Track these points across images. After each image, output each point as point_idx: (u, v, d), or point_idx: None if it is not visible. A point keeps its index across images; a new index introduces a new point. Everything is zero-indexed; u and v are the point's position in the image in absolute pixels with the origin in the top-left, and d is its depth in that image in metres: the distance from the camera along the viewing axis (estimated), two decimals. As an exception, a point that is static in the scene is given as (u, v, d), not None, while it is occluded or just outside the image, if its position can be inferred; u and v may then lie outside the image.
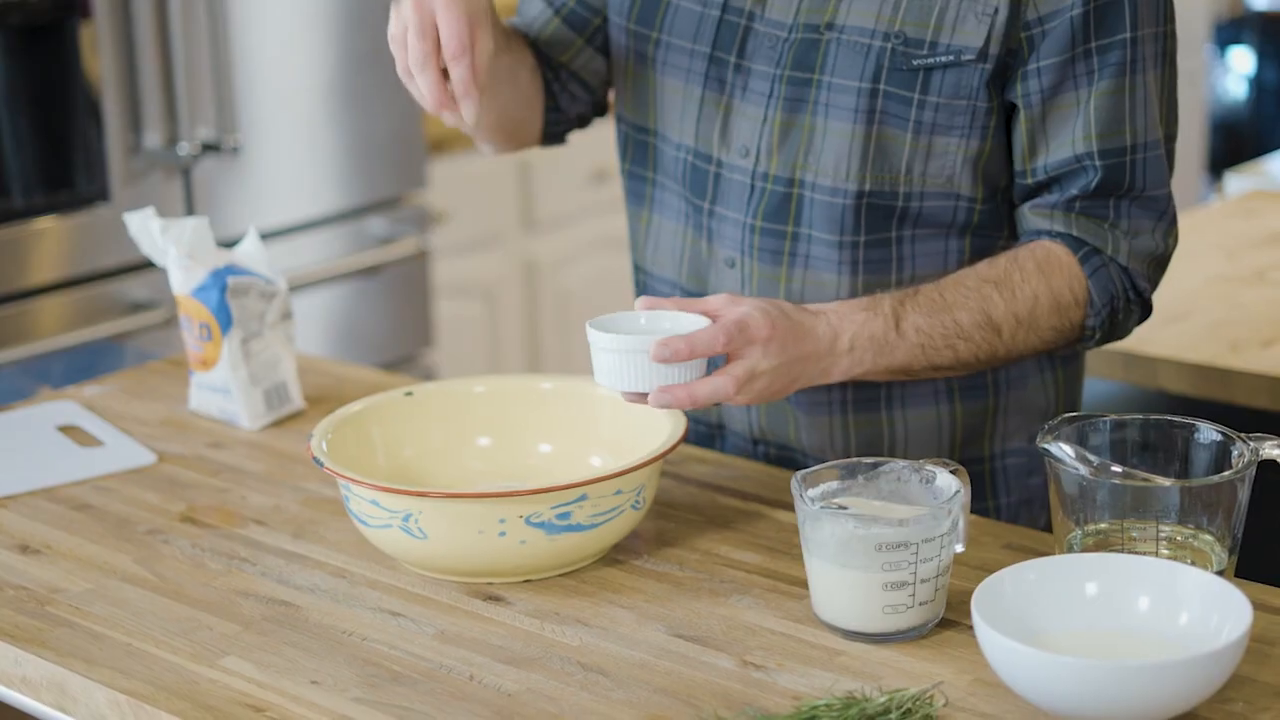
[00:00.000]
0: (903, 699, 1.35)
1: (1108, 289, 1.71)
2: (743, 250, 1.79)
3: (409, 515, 1.54)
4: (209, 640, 1.50)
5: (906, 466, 1.51)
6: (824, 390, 1.79)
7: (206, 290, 1.94)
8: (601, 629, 1.50)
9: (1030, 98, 1.69)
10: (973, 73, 1.67)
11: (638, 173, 1.89)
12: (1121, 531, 1.48)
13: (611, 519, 1.58)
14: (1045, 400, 1.84)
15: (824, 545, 1.45)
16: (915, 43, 1.68)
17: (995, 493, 1.85)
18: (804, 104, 1.73)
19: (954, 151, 1.70)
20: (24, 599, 1.59)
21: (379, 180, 3.46)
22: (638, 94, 1.86)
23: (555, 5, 1.92)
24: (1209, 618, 1.36)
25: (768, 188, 1.76)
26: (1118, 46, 1.66)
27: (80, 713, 1.46)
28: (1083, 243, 1.71)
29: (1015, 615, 1.37)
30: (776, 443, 1.84)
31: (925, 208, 1.73)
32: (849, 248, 1.74)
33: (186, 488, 1.82)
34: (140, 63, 3.02)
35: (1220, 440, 1.51)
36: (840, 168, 1.72)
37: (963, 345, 1.66)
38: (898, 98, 1.69)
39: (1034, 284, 1.68)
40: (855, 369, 1.63)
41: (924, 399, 1.80)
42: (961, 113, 1.69)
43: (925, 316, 1.64)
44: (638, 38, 1.83)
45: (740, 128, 1.77)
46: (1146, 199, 1.72)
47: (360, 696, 1.40)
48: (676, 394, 1.53)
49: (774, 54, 1.74)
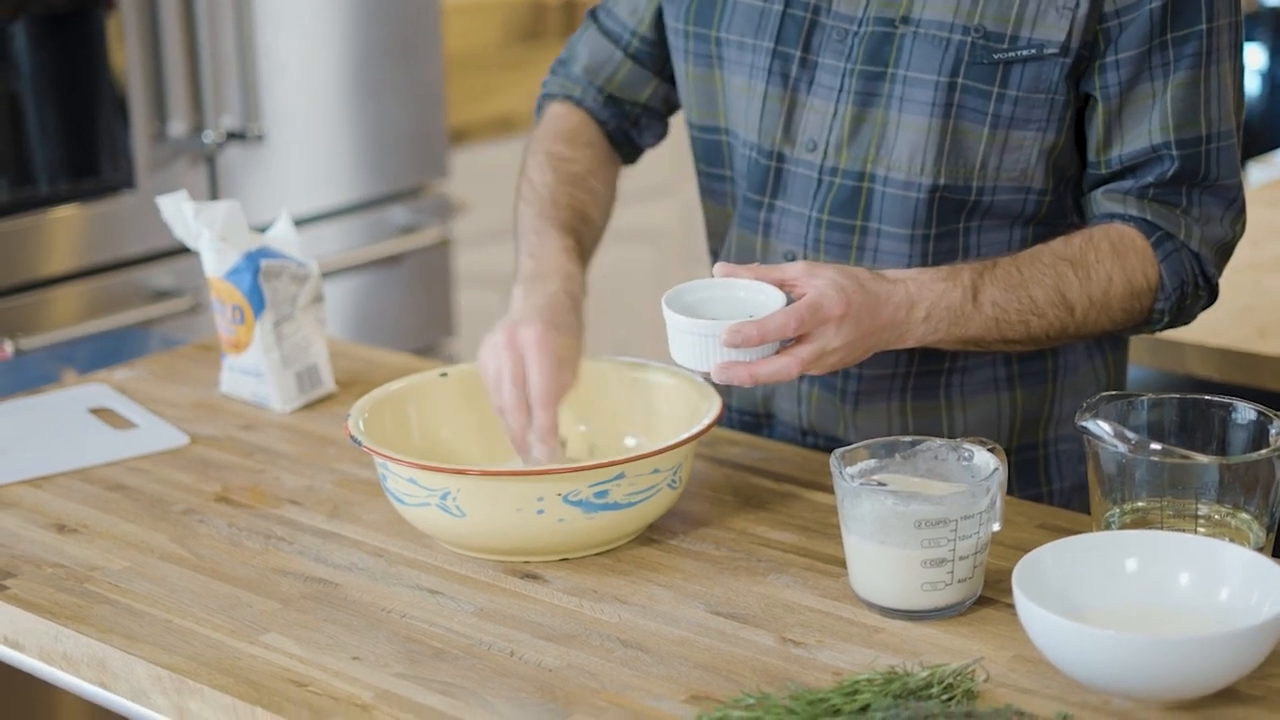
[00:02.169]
0: (944, 674, 1.35)
1: (1179, 274, 1.71)
2: (806, 244, 1.78)
3: (447, 493, 1.55)
4: (249, 617, 1.51)
5: (944, 445, 1.51)
6: (885, 380, 1.80)
7: (239, 273, 1.95)
8: (640, 606, 1.51)
9: (1108, 89, 1.69)
10: (1053, 66, 1.67)
11: (714, 173, 1.89)
12: (1160, 510, 1.49)
13: (649, 498, 1.58)
14: (1096, 385, 1.85)
15: (863, 522, 1.46)
16: (996, 36, 1.68)
17: (1049, 478, 1.85)
18: (877, 98, 1.73)
19: (1030, 145, 1.71)
20: (62, 576, 1.60)
21: (401, 170, 3.47)
22: (704, 95, 1.85)
23: (622, 43, 1.94)
24: (1249, 594, 1.36)
25: (836, 181, 1.76)
26: (1194, 38, 1.67)
27: (121, 689, 1.47)
28: (1156, 227, 1.71)
29: (1056, 591, 1.37)
30: (825, 434, 1.84)
31: (997, 201, 1.73)
32: (919, 241, 1.74)
33: (220, 469, 1.83)
34: (165, 51, 3.03)
35: (1257, 419, 1.52)
36: (915, 161, 1.72)
37: (1036, 321, 1.66)
38: (976, 91, 1.69)
39: (1109, 265, 1.68)
40: (930, 337, 1.63)
41: (983, 387, 1.81)
42: (1040, 106, 1.69)
43: (1003, 291, 1.65)
44: (697, 39, 1.83)
45: (807, 122, 1.77)
46: (1219, 188, 1.72)
47: (402, 672, 1.41)
48: (738, 372, 1.54)
49: (843, 48, 1.74)
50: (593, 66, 1.96)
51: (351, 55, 3.34)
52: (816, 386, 1.83)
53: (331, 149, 3.33)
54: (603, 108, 1.96)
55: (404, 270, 3.50)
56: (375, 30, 3.36)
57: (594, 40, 1.97)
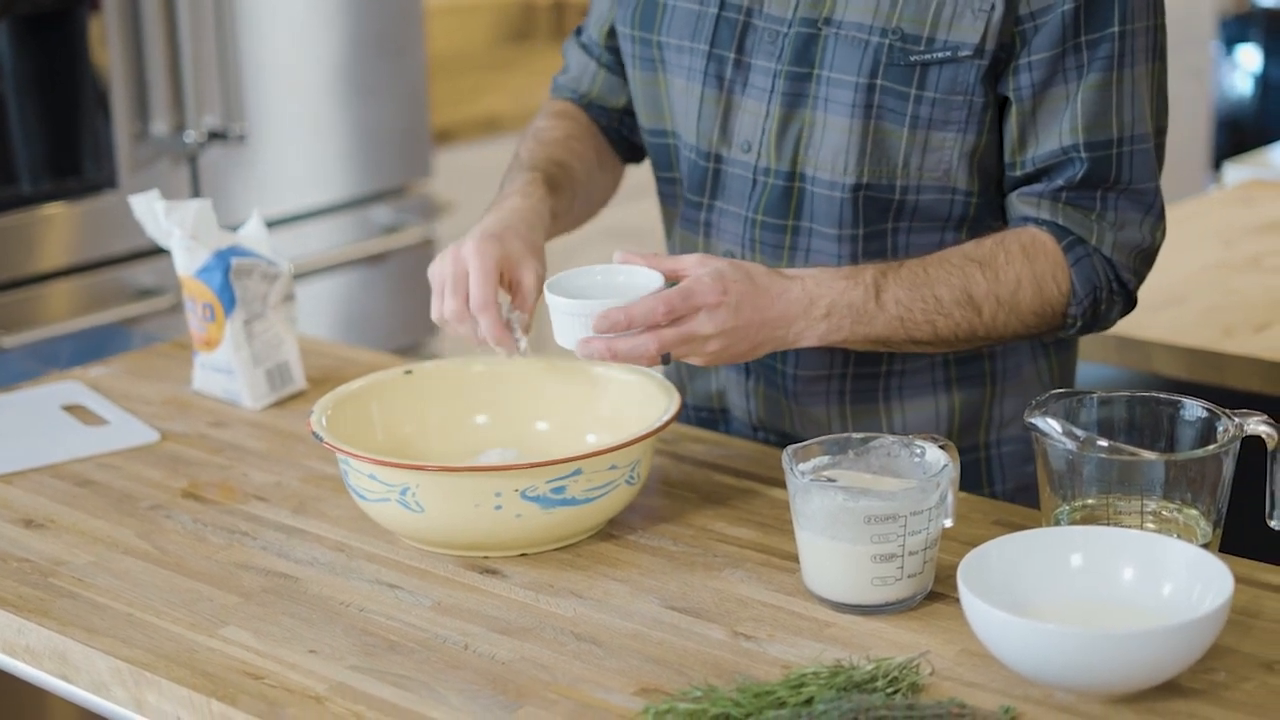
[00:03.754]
0: (889, 667, 1.37)
1: (1090, 279, 1.72)
2: (743, 244, 1.81)
3: (406, 489, 1.57)
4: (209, 611, 1.53)
5: (896, 442, 1.53)
6: (821, 381, 1.82)
7: (210, 271, 1.97)
8: (595, 601, 1.53)
9: (1021, 91, 1.70)
10: (969, 68, 1.69)
11: (665, 176, 1.92)
12: (1108, 506, 1.50)
13: (606, 494, 1.60)
14: (1040, 387, 1.86)
15: (813, 518, 1.47)
16: (913, 39, 1.69)
17: (991, 480, 1.87)
18: (804, 98, 1.75)
19: (950, 146, 1.72)
20: (27, 571, 1.61)
21: (385, 169, 3.49)
22: (650, 98, 1.88)
23: (594, 55, 1.99)
24: (1192, 588, 1.38)
25: (769, 182, 1.78)
26: (1107, 40, 1.68)
27: (82, 681, 1.49)
28: (1067, 232, 1.72)
29: (1001, 586, 1.39)
30: (776, 430, 1.87)
31: (922, 201, 1.75)
32: (848, 241, 1.76)
33: (189, 465, 1.85)
34: (148, 51, 3.05)
35: (1205, 416, 1.53)
36: (839, 161, 1.74)
37: (942, 321, 1.67)
38: (895, 93, 1.71)
39: (1018, 267, 1.69)
40: (833, 335, 1.64)
41: (922, 390, 1.83)
42: (958, 108, 1.71)
43: (906, 290, 1.66)
44: (642, 43, 1.86)
45: (741, 123, 1.79)
46: (1133, 192, 1.73)
47: (357, 665, 1.42)
48: (596, 346, 1.57)
49: (774, 49, 1.76)
50: (576, 76, 2.01)
51: (334, 55, 3.35)
52: (762, 383, 1.85)
53: (314, 149, 3.35)
54: (593, 111, 1.99)
55: (387, 270, 3.52)
56: (358, 30, 3.38)
57: (575, 52, 2.01)
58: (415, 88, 3.51)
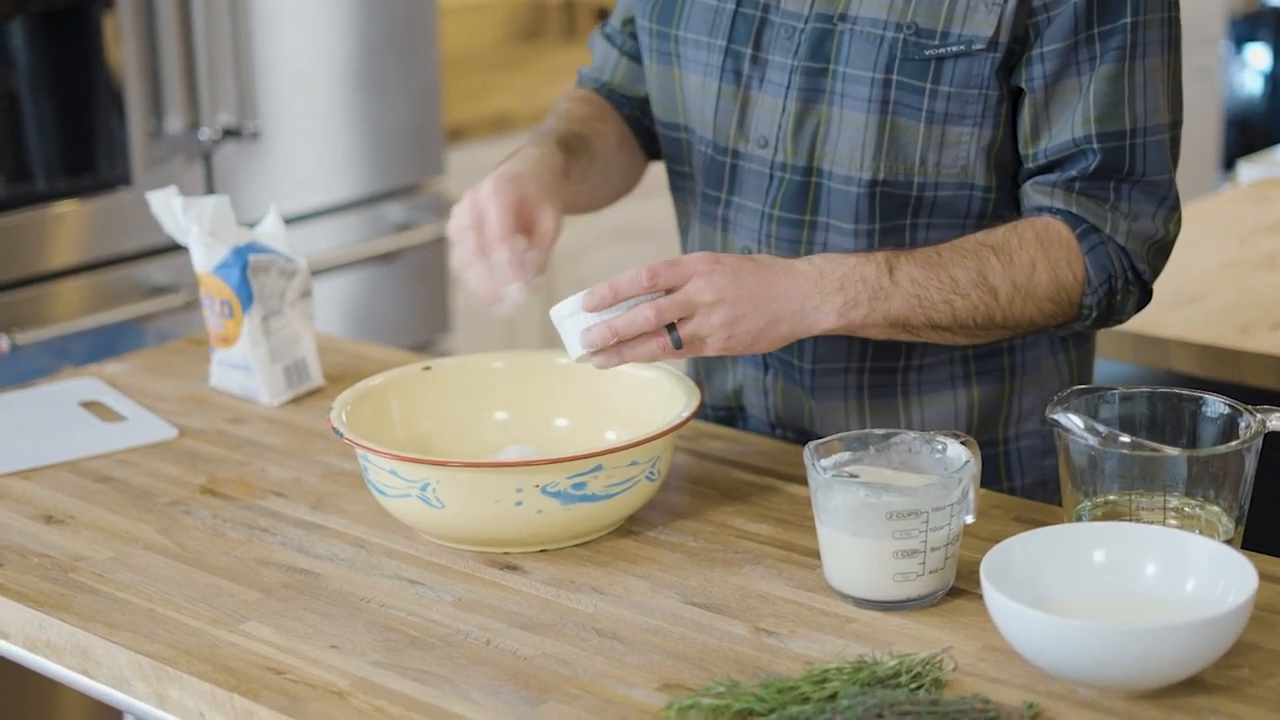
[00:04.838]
0: (913, 663, 1.37)
1: (1105, 267, 1.71)
2: (760, 239, 1.81)
3: (427, 485, 1.57)
4: (230, 606, 1.53)
5: (917, 438, 1.53)
6: (839, 375, 1.81)
7: (228, 268, 1.97)
8: (616, 597, 1.53)
9: (1034, 83, 1.70)
10: (983, 62, 1.69)
11: (678, 170, 1.92)
12: (1129, 502, 1.50)
13: (626, 490, 1.60)
14: (1059, 382, 1.86)
15: (835, 514, 1.47)
16: (927, 33, 1.70)
17: (1010, 475, 1.86)
18: (820, 94, 1.75)
19: (967, 141, 1.72)
20: (48, 566, 1.61)
21: (398, 167, 3.49)
22: (665, 92, 1.88)
23: (617, 44, 1.99)
24: (1215, 584, 1.38)
25: (786, 177, 1.78)
26: (1119, 31, 1.68)
27: (103, 676, 1.49)
28: (1081, 220, 1.72)
29: (1024, 582, 1.39)
30: (794, 427, 1.86)
31: (940, 197, 1.75)
32: (864, 236, 1.76)
33: (207, 461, 1.85)
34: (162, 49, 3.05)
35: (1227, 412, 1.53)
36: (855, 157, 1.74)
37: (960, 302, 1.66)
38: (910, 88, 1.71)
39: (1032, 252, 1.69)
40: (852, 311, 1.63)
41: (940, 385, 1.82)
42: (973, 102, 1.71)
43: (920, 269, 1.66)
44: (660, 36, 1.86)
45: (758, 118, 1.79)
46: (1147, 184, 1.72)
47: (379, 660, 1.42)
48: (598, 331, 1.57)
49: (790, 45, 1.76)
50: (599, 66, 2.01)
51: (348, 53, 3.36)
52: (779, 378, 1.85)
53: (327, 146, 3.35)
54: (616, 100, 1.99)
55: (400, 267, 3.52)
56: (372, 28, 3.38)
57: (599, 43, 2.02)
58: (428, 86, 3.51)
